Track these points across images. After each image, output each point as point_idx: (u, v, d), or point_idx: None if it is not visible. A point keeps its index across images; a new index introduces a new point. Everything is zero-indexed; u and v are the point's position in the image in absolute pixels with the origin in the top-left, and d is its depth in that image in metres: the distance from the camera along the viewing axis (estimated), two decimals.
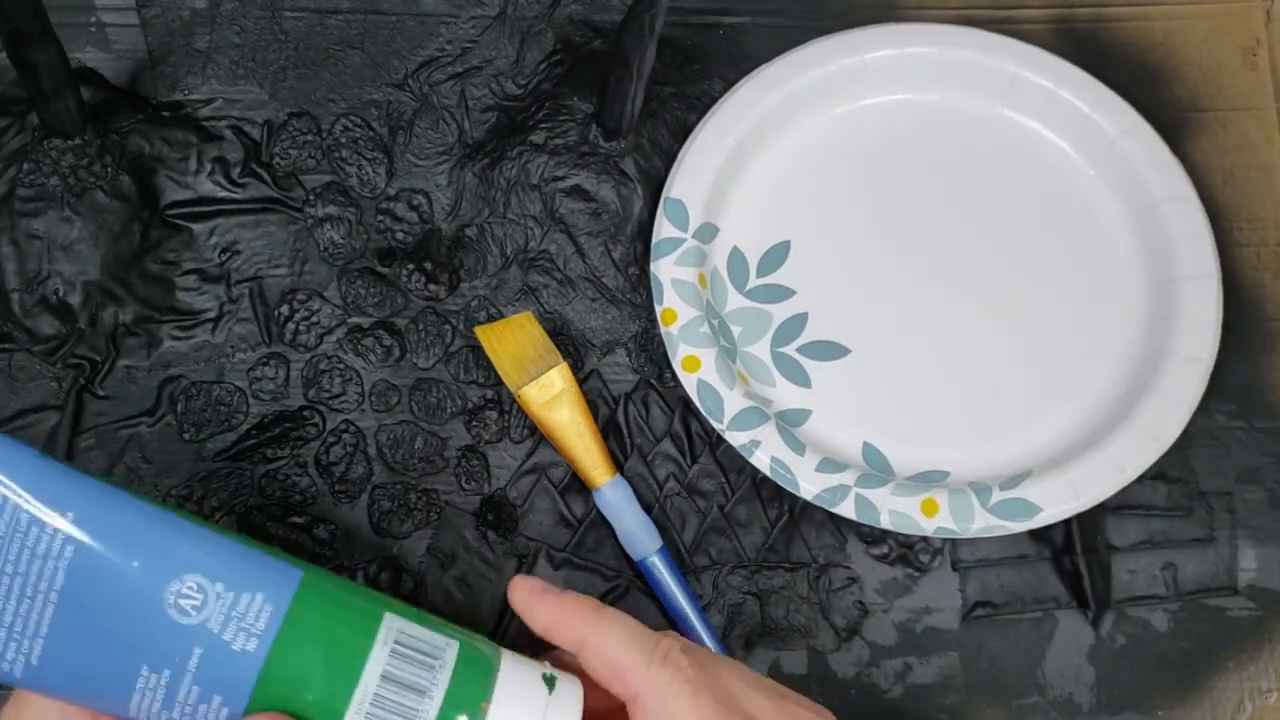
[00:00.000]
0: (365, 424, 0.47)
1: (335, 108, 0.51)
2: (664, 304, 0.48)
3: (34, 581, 0.31)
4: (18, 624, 0.31)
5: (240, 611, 0.31)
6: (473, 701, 0.32)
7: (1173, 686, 0.47)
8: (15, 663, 0.31)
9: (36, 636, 0.31)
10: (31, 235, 0.48)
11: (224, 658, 0.31)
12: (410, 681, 0.32)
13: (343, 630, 0.32)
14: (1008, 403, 0.49)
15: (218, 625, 0.31)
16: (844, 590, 0.47)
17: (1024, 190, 0.51)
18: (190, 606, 0.31)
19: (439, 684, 0.32)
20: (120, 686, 0.31)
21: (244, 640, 0.31)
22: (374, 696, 0.31)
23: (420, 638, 0.33)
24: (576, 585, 0.46)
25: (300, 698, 0.31)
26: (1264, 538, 0.49)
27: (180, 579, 0.31)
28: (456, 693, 0.32)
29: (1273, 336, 0.51)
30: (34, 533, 0.31)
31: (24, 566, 0.31)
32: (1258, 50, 0.54)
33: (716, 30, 0.53)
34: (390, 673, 0.32)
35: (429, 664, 0.32)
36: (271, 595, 0.32)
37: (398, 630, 0.32)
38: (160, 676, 0.31)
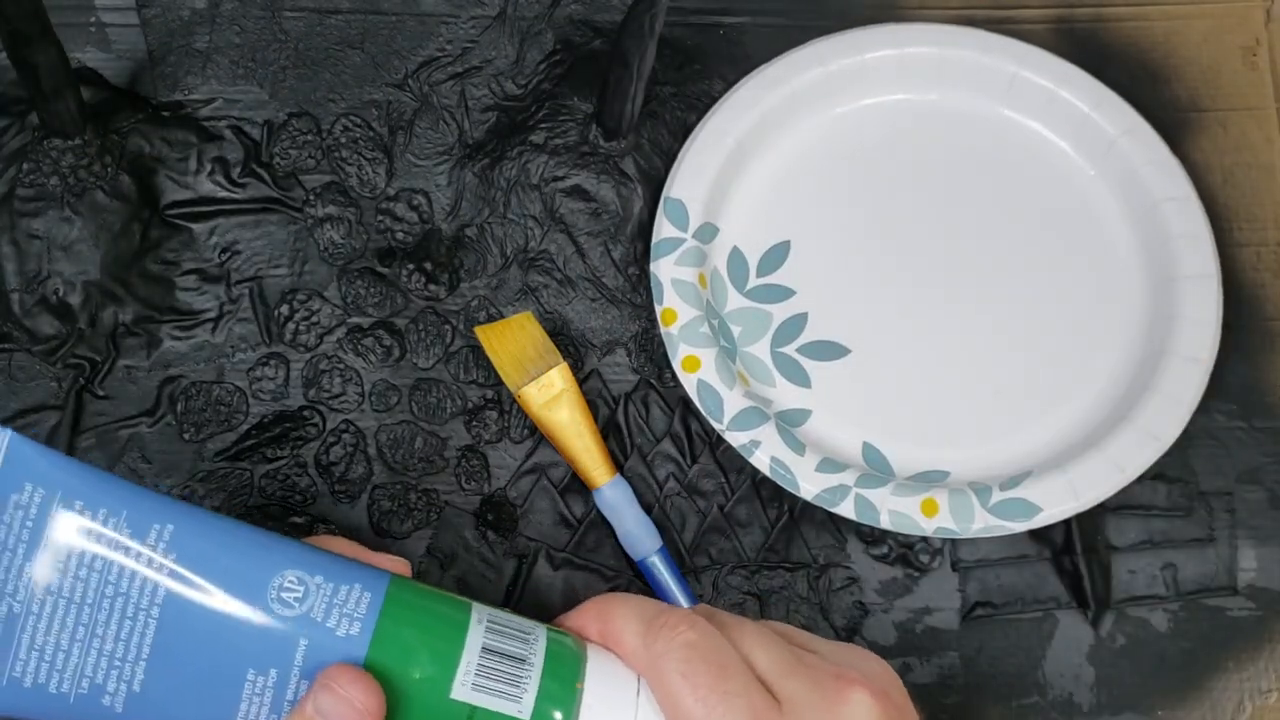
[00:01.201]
0: (365, 424, 0.47)
1: (335, 108, 0.51)
2: (664, 304, 0.48)
3: (135, 599, 0.31)
4: (119, 649, 0.31)
5: (341, 599, 0.32)
6: (569, 675, 0.33)
7: (1173, 686, 0.47)
8: (117, 694, 0.31)
9: (139, 660, 0.31)
10: (31, 235, 0.48)
11: (329, 645, 0.31)
12: (510, 651, 0.32)
13: (440, 610, 0.33)
14: (1008, 403, 0.49)
15: (321, 614, 0.31)
16: (844, 590, 0.47)
17: (1024, 190, 0.51)
18: (293, 599, 0.31)
19: (537, 655, 0.32)
20: (227, 700, 0.31)
21: (348, 625, 0.31)
22: (479, 668, 0.32)
23: (510, 620, 0.34)
24: (576, 585, 0.46)
25: (407, 675, 0.31)
26: (1264, 538, 0.49)
27: (280, 574, 0.32)
28: (553, 666, 0.33)
29: (1273, 336, 0.51)
30: (134, 546, 0.31)
31: (125, 585, 0.31)
32: (1258, 50, 0.54)
33: (716, 30, 0.53)
34: (490, 645, 0.32)
35: (524, 638, 0.33)
36: (367, 585, 0.32)
37: (488, 614, 0.33)
38: (267, 678, 0.31)
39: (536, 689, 0.32)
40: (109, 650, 0.31)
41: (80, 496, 0.31)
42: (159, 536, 0.31)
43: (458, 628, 0.33)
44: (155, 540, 0.31)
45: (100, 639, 0.31)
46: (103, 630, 0.31)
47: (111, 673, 0.31)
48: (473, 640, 0.32)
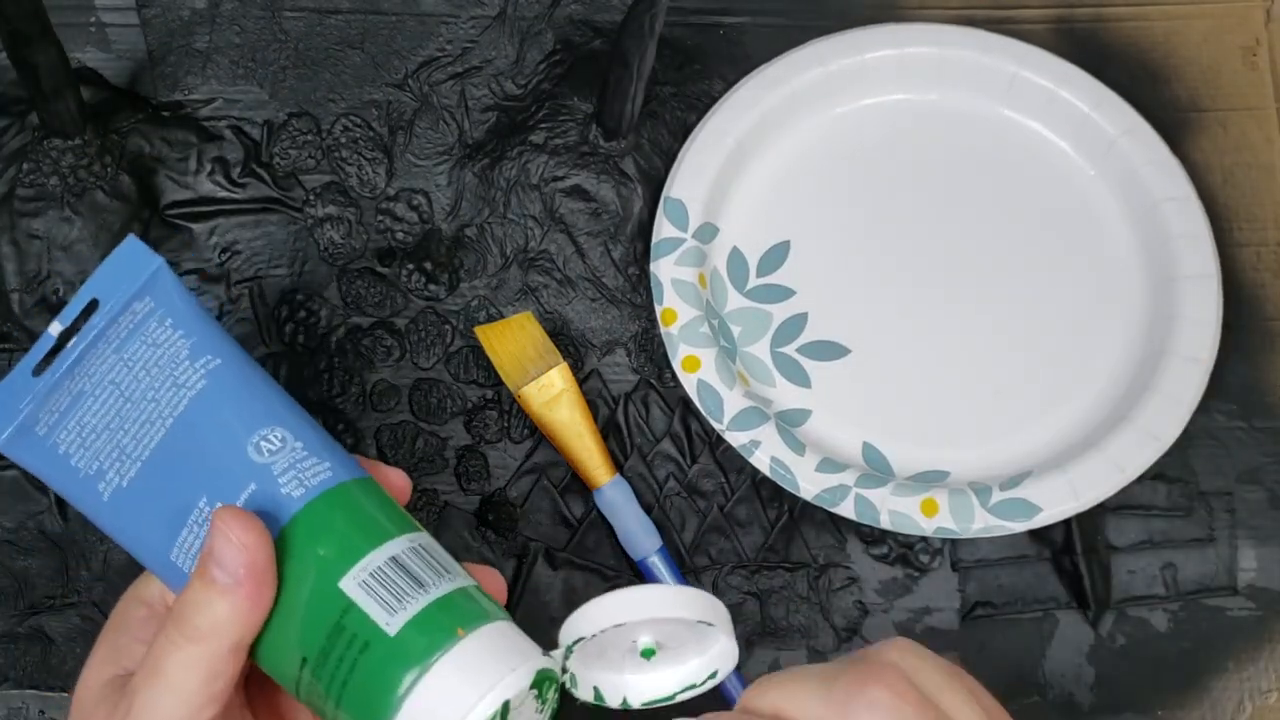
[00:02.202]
0: (365, 424, 0.47)
1: (335, 108, 0.51)
2: (664, 304, 0.48)
3: (162, 406, 0.34)
4: (130, 443, 0.34)
5: (304, 466, 0.33)
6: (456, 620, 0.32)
7: (1173, 686, 0.47)
8: (110, 483, 0.34)
9: (138, 459, 0.34)
10: (31, 235, 0.48)
11: (270, 496, 0.33)
12: (414, 571, 0.32)
13: (379, 515, 0.33)
14: (1007, 402, 0.49)
15: (280, 469, 0.33)
16: (844, 590, 0.47)
17: (1024, 190, 0.51)
18: (267, 449, 0.33)
19: (439, 587, 0.32)
20: (176, 519, 0.33)
21: (293, 487, 0.33)
22: (375, 570, 0.32)
23: (445, 557, 0.33)
24: (576, 585, 0.46)
25: (313, 550, 0.32)
26: (1264, 538, 0.49)
27: (270, 426, 0.34)
28: (447, 603, 0.32)
29: (1273, 336, 0.51)
30: (185, 366, 0.34)
31: (163, 393, 0.34)
32: (1258, 50, 0.54)
33: (716, 30, 0.53)
34: (401, 558, 0.32)
35: (440, 571, 0.33)
36: (336, 468, 0.34)
37: (427, 540, 0.34)
38: (211, 508, 0.33)
39: (415, 612, 0.31)
40: (124, 444, 0.34)
41: (173, 316, 0.35)
42: (206, 365, 0.34)
43: (383, 534, 0.33)
44: (203, 366, 0.34)
45: (124, 432, 0.34)
46: (130, 425, 0.34)
47: (116, 463, 0.34)
48: (389, 548, 0.32)
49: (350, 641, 0.31)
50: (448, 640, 0.31)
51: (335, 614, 0.32)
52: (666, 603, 0.33)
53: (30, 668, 0.44)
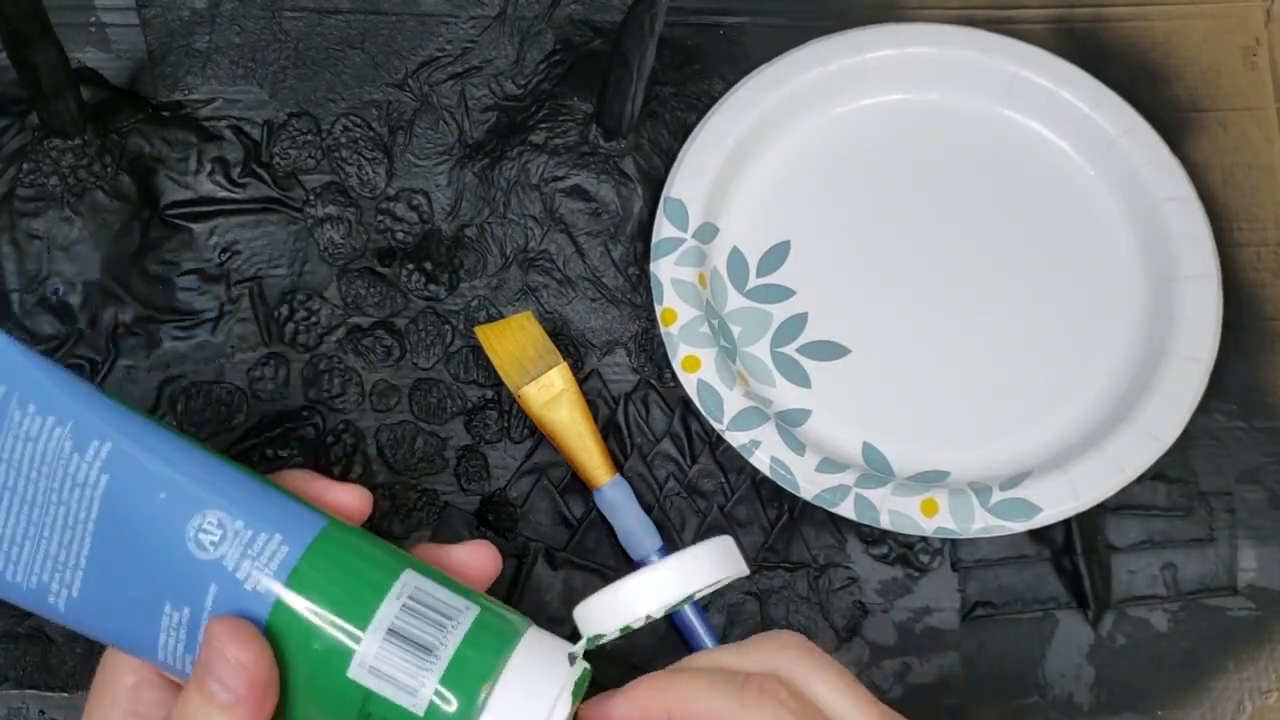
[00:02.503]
0: (365, 424, 0.47)
1: (335, 108, 0.51)
2: (664, 304, 0.48)
3: (74, 510, 0.31)
4: (61, 553, 0.32)
5: (256, 551, 0.31)
6: (478, 675, 0.31)
7: (1173, 686, 0.47)
8: (60, 595, 0.32)
9: (77, 568, 0.32)
10: (31, 235, 0.48)
11: (237, 596, 0.31)
12: (418, 638, 0.31)
13: (354, 580, 0.31)
14: (1007, 402, 0.49)
15: (232, 563, 0.31)
16: (844, 590, 0.47)
17: (1024, 190, 0.51)
18: (209, 542, 0.31)
19: (449, 644, 0.31)
20: (149, 624, 0.32)
21: (255, 580, 0.31)
22: (378, 653, 0.30)
23: (438, 597, 0.32)
24: (576, 585, 0.46)
25: (306, 647, 0.31)
26: (1264, 538, 0.49)
27: (202, 513, 0.31)
28: (462, 662, 0.31)
29: (1273, 336, 0.51)
30: (75, 460, 0.31)
31: (66, 494, 0.31)
32: (1258, 50, 0.54)
33: (716, 30, 0.53)
34: (399, 627, 0.31)
35: (441, 623, 0.31)
36: (290, 537, 0.31)
37: (414, 587, 0.32)
38: (181, 614, 0.31)
39: (436, 684, 0.30)
40: (54, 553, 0.32)
41: (36, 399, 0.31)
42: (96, 454, 0.31)
43: (369, 603, 0.31)
44: (94, 457, 0.31)
45: (47, 540, 0.32)
46: (49, 533, 0.32)
47: (55, 574, 0.32)
48: (382, 618, 0.31)
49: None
50: (476, 701, 0.30)
51: (356, 703, 0.31)
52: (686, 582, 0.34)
53: (30, 668, 0.44)
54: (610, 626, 0.34)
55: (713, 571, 0.35)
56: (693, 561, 0.35)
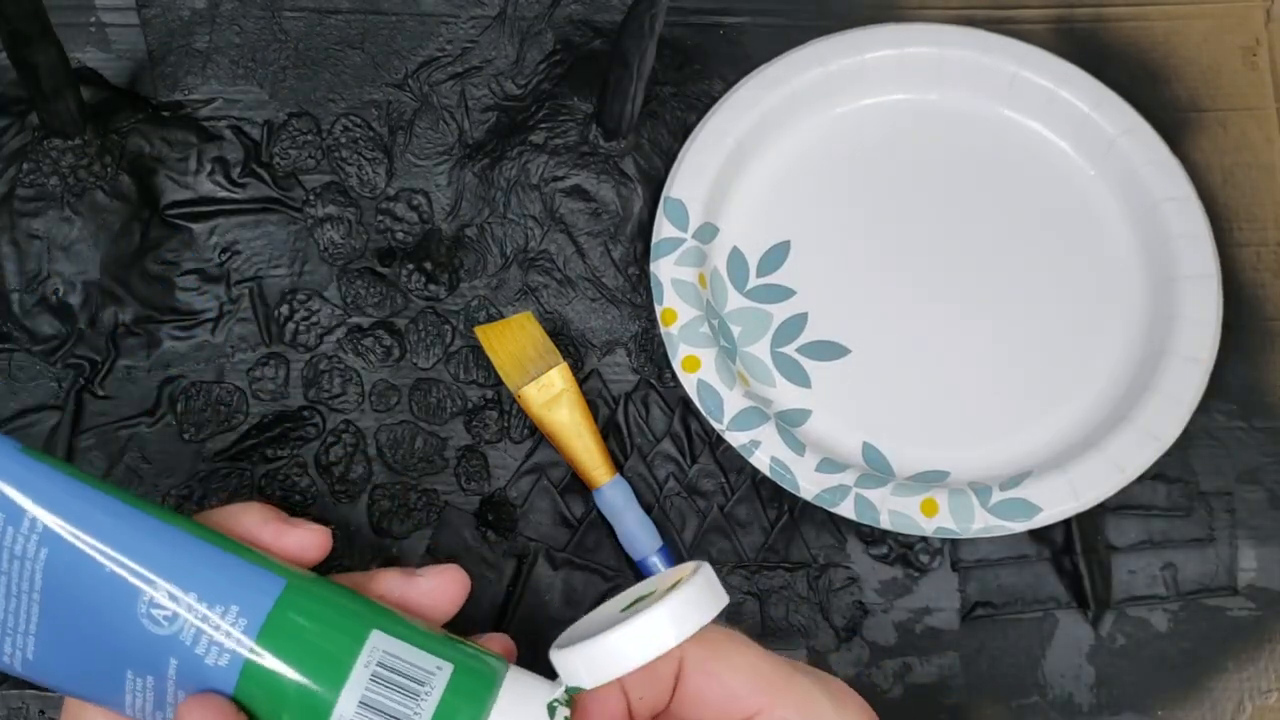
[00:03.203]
0: (365, 424, 0.47)
1: (335, 108, 0.51)
2: (664, 304, 0.48)
3: (17, 580, 0.30)
4: (9, 620, 0.31)
5: (213, 625, 0.30)
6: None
7: (1173, 686, 0.47)
8: (14, 656, 0.31)
9: (28, 634, 0.31)
10: (31, 235, 0.48)
11: (199, 671, 0.30)
12: (392, 709, 0.30)
13: (320, 650, 0.30)
14: (1007, 403, 0.49)
15: (189, 638, 0.30)
16: (844, 590, 0.47)
17: (1024, 190, 0.51)
18: (162, 617, 0.30)
19: (424, 712, 0.30)
20: (111, 687, 0.31)
21: (216, 656, 0.30)
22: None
23: (408, 660, 0.31)
24: (576, 585, 0.46)
25: (278, 717, 0.30)
26: (1264, 538, 0.49)
27: (153, 587, 0.30)
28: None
29: (1273, 336, 0.51)
30: (9, 533, 0.30)
31: (5, 565, 0.30)
32: (1258, 50, 0.54)
33: (716, 30, 0.53)
34: (370, 699, 0.30)
35: (414, 690, 0.30)
36: (247, 608, 0.30)
37: (382, 651, 0.31)
38: (145, 681, 0.31)
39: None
40: (1, 618, 0.31)
41: None
42: (31, 528, 0.30)
43: (337, 672, 0.30)
44: (29, 530, 0.30)
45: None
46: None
47: (5, 638, 0.31)
48: (352, 689, 0.30)
49: None
50: None
51: None
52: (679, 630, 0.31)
53: None
54: (595, 679, 0.31)
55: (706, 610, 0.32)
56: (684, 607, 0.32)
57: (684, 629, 0.31)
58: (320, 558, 0.34)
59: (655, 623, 0.31)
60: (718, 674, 0.32)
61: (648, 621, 0.31)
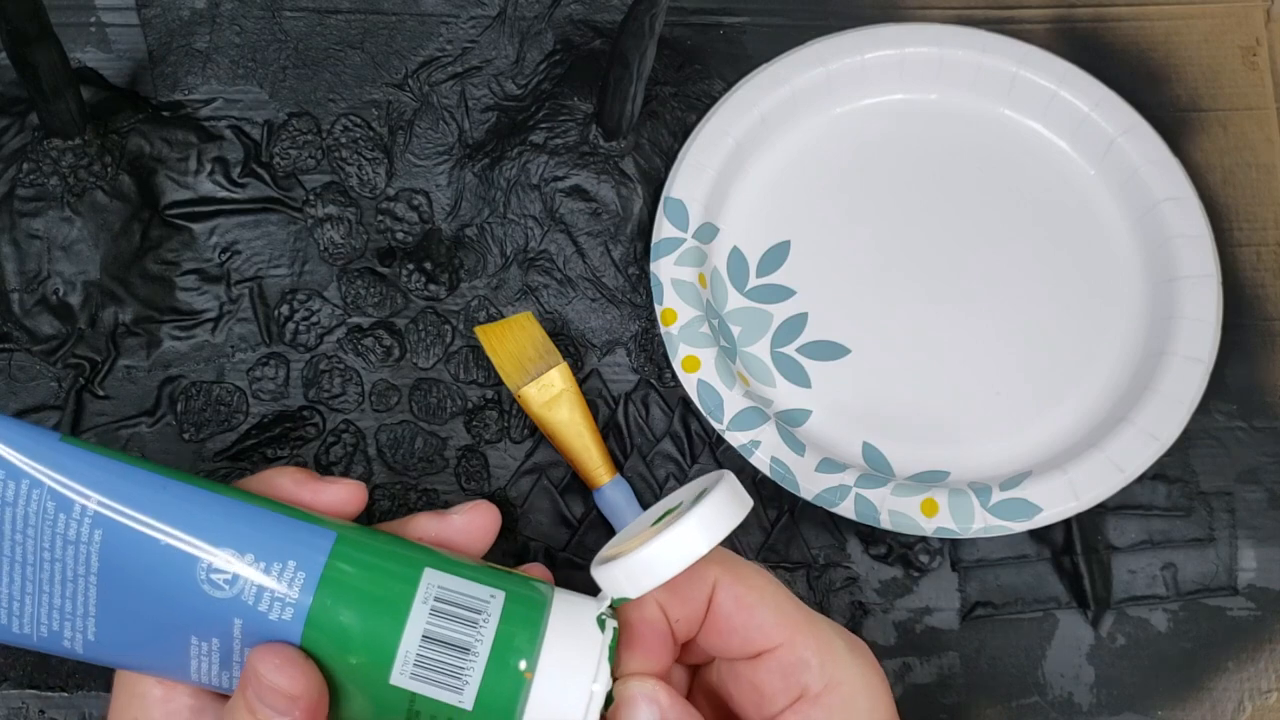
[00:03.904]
0: (365, 424, 0.47)
1: (335, 108, 0.51)
2: (664, 304, 0.48)
3: (71, 565, 0.31)
4: (67, 605, 0.32)
5: (274, 580, 0.31)
6: (521, 654, 0.31)
7: (1173, 686, 0.47)
8: (75, 640, 0.32)
9: (88, 616, 0.32)
10: (31, 235, 0.48)
11: (264, 626, 0.31)
12: (453, 639, 0.31)
13: (378, 592, 0.32)
14: (1007, 403, 0.49)
15: (251, 598, 0.31)
16: (844, 590, 0.47)
17: (1024, 190, 0.51)
18: (222, 580, 0.31)
19: (485, 639, 0.31)
20: (176, 655, 0.32)
21: (279, 610, 0.31)
22: (417, 658, 0.31)
23: (462, 591, 0.32)
24: (576, 585, 0.46)
25: (344, 661, 0.31)
26: (1264, 538, 0.49)
27: (210, 554, 0.31)
28: (504, 645, 0.31)
29: (1273, 336, 0.51)
30: (61, 519, 0.31)
31: (59, 552, 0.31)
32: (1258, 50, 0.54)
33: (716, 30, 0.53)
34: (432, 632, 0.31)
35: (472, 619, 0.32)
36: (304, 562, 0.31)
37: (438, 587, 0.32)
38: (210, 644, 0.32)
39: (479, 678, 0.31)
40: (59, 605, 0.32)
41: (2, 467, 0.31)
42: (83, 512, 0.31)
43: (398, 611, 0.31)
44: (80, 515, 0.31)
45: (49, 595, 0.32)
46: (49, 588, 0.32)
47: (65, 624, 0.32)
48: (414, 625, 0.31)
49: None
50: (521, 686, 0.31)
51: (404, 704, 0.31)
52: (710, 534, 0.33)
53: (30, 668, 0.44)
54: (637, 589, 0.34)
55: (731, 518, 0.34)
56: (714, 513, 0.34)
57: (714, 535, 0.34)
58: (359, 510, 0.35)
59: (687, 532, 0.33)
60: (748, 604, 0.34)
61: (680, 531, 0.33)
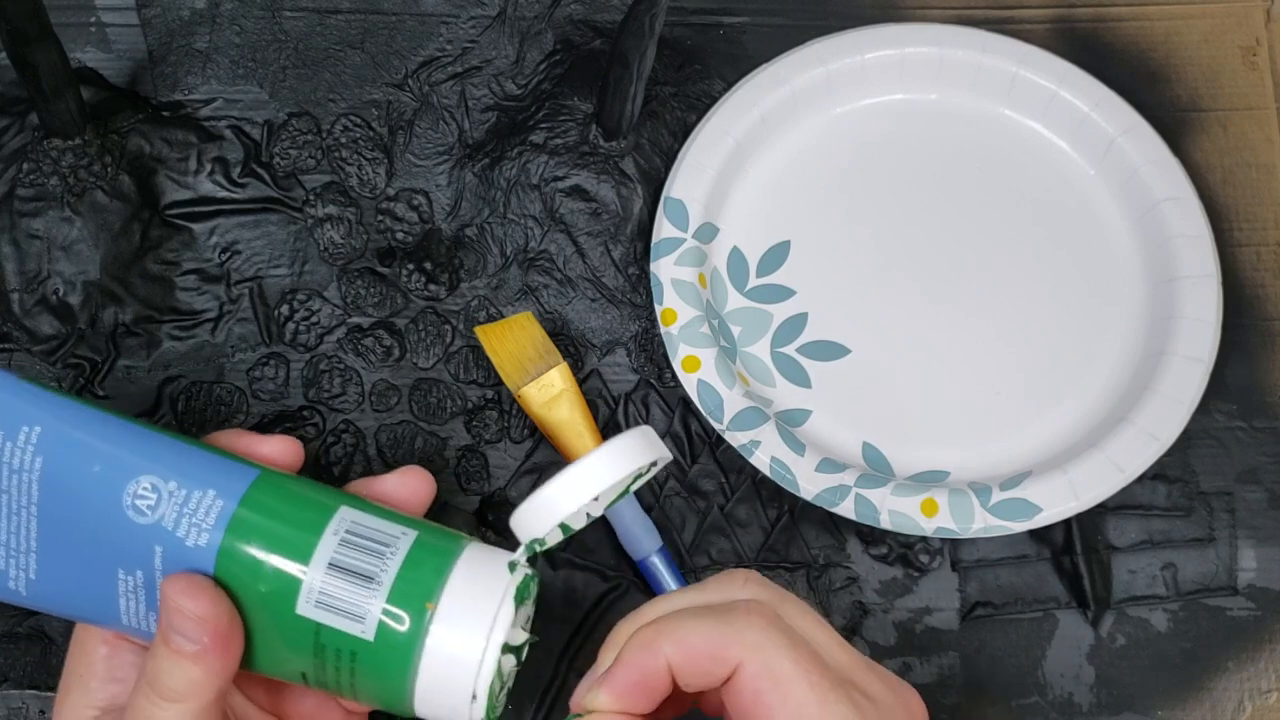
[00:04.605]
0: (365, 424, 0.47)
1: (335, 108, 0.51)
2: (664, 304, 0.48)
3: (16, 496, 0.33)
4: (12, 540, 0.33)
5: (192, 508, 0.32)
6: (420, 595, 0.32)
7: (1173, 686, 0.47)
8: (19, 579, 0.33)
9: (30, 551, 0.33)
10: (31, 235, 0.48)
11: (181, 554, 0.32)
12: (358, 568, 0.32)
13: (291, 523, 0.33)
14: (1008, 403, 0.49)
15: (171, 522, 0.32)
16: (844, 590, 0.47)
17: (1024, 190, 0.51)
18: (145, 506, 0.32)
19: (388, 571, 0.32)
20: (107, 593, 0.33)
21: (196, 535, 0.32)
22: (322, 586, 0.32)
23: (374, 528, 0.33)
24: (576, 585, 0.46)
25: (254, 590, 0.32)
26: (1264, 538, 0.49)
27: (136, 480, 0.33)
28: (404, 585, 0.32)
29: (1273, 336, 0.51)
30: (8, 448, 0.33)
31: (6, 483, 0.33)
32: (1258, 50, 0.54)
33: (716, 30, 0.53)
34: (338, 560, 0.32)
35: (379, 550, 0.32)
36: (223, 491, 0.33)
37: (350, 521, 0.33)
38: (135, 578, 0.33)
39: (380, 610, 0.32)
40: (4, 540, 0.33)
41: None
42: (27, 439, 0.33)
43: (307, 542, 0.32)
44: (24, 443, 0.33)
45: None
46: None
47: (10, 560, 0.33)
48: (321, 554, 0.32)
49: (338, 654, 0.32)
50: (423, 619, 0.32)
51: (310, 637, 0.32)
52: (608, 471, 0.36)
53: (30, 668, 0.44)
54: (545, 528, 0.35)
55: (635, 458, 0.36)
56: (612, 453, 0.36)
57: (612, 474, 0.36)
58: (295, 464, 0.36)
59: (587, 469, 0.36)
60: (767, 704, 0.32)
61: (579, 469, 0.36)
